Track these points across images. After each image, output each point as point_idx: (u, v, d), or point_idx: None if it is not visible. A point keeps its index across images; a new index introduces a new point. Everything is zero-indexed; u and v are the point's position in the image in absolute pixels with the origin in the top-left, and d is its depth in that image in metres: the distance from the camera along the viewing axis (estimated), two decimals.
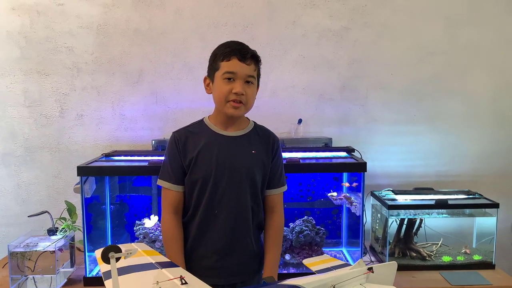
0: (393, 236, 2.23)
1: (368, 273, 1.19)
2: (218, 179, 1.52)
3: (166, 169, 1.59)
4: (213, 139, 1.56)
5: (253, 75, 1.52)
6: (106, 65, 2.47)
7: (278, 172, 1.63)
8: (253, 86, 1.53)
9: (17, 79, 2.46)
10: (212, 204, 1.54)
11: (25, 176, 2.51)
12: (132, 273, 1.15)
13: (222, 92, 1.50)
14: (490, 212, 2.20)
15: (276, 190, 1.63)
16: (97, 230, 2.16)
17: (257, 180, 1.56)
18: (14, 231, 2.49)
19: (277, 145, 1.64)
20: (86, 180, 1.97)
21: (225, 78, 1.49)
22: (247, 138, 1.59)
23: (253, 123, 1.66)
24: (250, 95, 1.52)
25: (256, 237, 1.62)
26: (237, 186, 1.53)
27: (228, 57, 1.49)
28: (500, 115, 2.57)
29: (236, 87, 1.48)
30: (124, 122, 2.51)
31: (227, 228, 1.54)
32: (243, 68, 1.49)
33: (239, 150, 1.56)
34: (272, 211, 1.63)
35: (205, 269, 1.55)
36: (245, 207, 1.55)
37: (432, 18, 2.50)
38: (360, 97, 2.53)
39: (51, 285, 1.92)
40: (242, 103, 1.50)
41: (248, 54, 1.50)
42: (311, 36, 2.50)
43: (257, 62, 1.55)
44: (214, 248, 1.55)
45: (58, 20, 2.44)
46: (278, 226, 1.63)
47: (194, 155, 1.54)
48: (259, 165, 1.57)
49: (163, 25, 2.46)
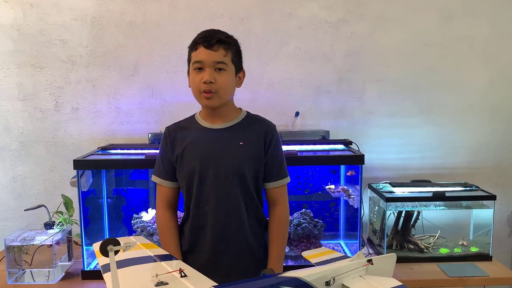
0: (390, 228, 2.24)
1: (368, 265, 1.19)
2: (203, 174, 1.49)
3: (158, 164, 1.59)
4: (200, 133, 1.53)
5: (222, 61, 1.44)
6: (101, 58, 2.45)
7: (277, 163, 1.56)
8: (226, 72, 1.46)
9: (11, 72, 2.43)
10: (200, 200, 1.51)
11: (20, 170, 2.49)
12: (130, 266, 1.15)
13: (194, 84, 1.47)
14: (487, 204, 2.21)
15: (276, 183, 1.56)
16: (94, 224, 2.15)
17: (246, 173, 1.50)
18: (10, 225, 2.48)
19: (272, 134, 1.55)
20: (82, 174, 1.95)
21: (195, 68, 1.46)
22: (235, 129, 1.53)
23: (246, 112, 1.60)
24: (222, 82, 1.45)
25: (254, 234, 1.56)
26: (224, 181, 1.49)
27: (195, 46, 1.46)
28: (495, 107, 2.57)
29: (204, 75, 1.43)
30: (120, 116, 2.49)
31: (219, 225, 1.51)
32: (209, 55, 1.43)
33: (225, 143, 1.51)
34: (274, 204, 1.58)
35: (199, 267, 1.53)
36: (236, 202, 1.50)
37: (428, 10, 2.48)
38: (357, 90, 2.53)
39: (49, 278, 1.91)
40: (212, 92, 1.44)
41: (213, 40, 1.43)
42: (307, 28, 2.48)
43: (228, 46, 1.46)
44: (207, 245, 1.53)
45: (52, 12, 2.41)
46: (280, 219, 1.57)
47: (180, 151, 1.52)
48: (249, 157, 1.50)
49: (158, 18, 2.44)
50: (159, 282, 1.04)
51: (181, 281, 1.06)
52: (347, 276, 1.13)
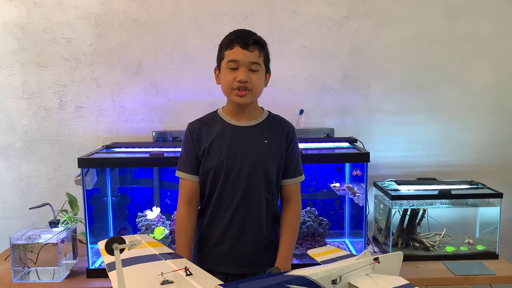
0: (396, 226, 2.23)
1: (374, 263, 1.18)
2: (229, 169, 1.52)
3: (182, 159, 1.61)
4: (225, 129, 1.56)
5: (257, 62, 1.49)
6: (105, 56, 2.45)
7: (294, 161, 1.61)
8: (259, 73, 1.51)
9: (15, 71, 2.43)
10: (224, 194, 1.55)
11: (25, 168, 2.50)
12: (136, 264, 1.14)
13: (227, 81, 1.50)
14: (493, 202, 2.19)
15: (292, 180, 1.61)
16: (99, 222, 2.15)
17: (270, 170, 1.55)
18: (15, 224, 2.48)
19: (292, 134, 1.61)
20: (87, 172, 1.95)
21: (229, 67, 1.49)
22: (260, 127, 1.58)
23: (267, 112, 1.64)
24: (255, 81, 1.50)
25: (270, 229, 1.60)
26: (248, 177, 1.52)
27: (230, 45, 1.49)
28: (501, 104, 2.55)
29: (240, 74, 1.47)
30: (124, 114, 2.49)
31: (239, 217, 1.54)
32: (245, 55, 1.47)
33: (251, 140, 1.55)
34: (288, 200, 1.62)
35: (217, 257, 1.57)
36: (258, 198, 1.55)
37: (433, 7, 2.47)
38: (361, 87, 2.51)
39: (54, 277, 1.91)
40: (248, 89, 1.49)
41: (250, 40, 1.48)
42: (311, 26, 2.47)
43: (262, 48, 1.52)
44: (225, 235, 1.56)
45: (55, 11, 2.40)
46: (293, 216, 1.61)
47: (207, 145, 1.55)
48: (272, 155, 1.55)
49: (161, 15, 2.43)
50: (164, 281, 1.04)
51: (187, 279, 1.06)
52: (353, 274, 1.12)
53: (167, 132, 2.37)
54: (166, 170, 2.33)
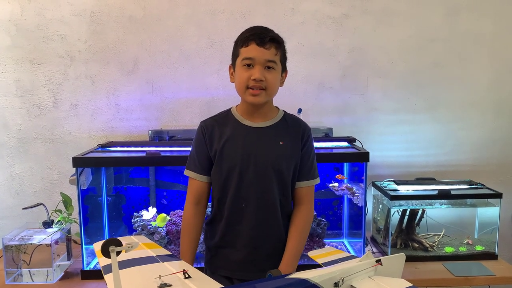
0: (395, 227, 2.21)
1: (377, 265, 1.16)
2: (244, 171, 1.48)
3: (193, 158, 1.56)
4: (239, 130, 1.52)
5: (273, 60, 1.44)
6: (100, 53, 2.41)
7: (308, 163, 1.56)
8: (275, 71, 1.46)
9: (8, 68, 2.39)
10: (239, 196, 1.50)
11: (18, 167, 2.46)
12: (132, 266, 1.11)
13: (241, 79, 1.46)
14: (492, 202, 2.18)
15: (306, 183, 1.56)
16: (94, 223, 2.11)
17: (285, 172, 1.51)
18: (8, 224, 2.44)
19: (308, 135, 1.56)
20: (82, 172, 1.92)
21: (244, 64, 1.44)
22: (275, 128, 1.53)
23: (283, 112, 1.60)
24: (271, 80, 1.45)
25: (286, 230, 1.56)
26: (263, 179, 1.49)
27: (246, 42, 1.44)
28: (501, 103, 2.54)
29: (255, 73, 1.42)
30: (119, 112, 2.45)
31: (256, 221, 1.50)
32: (262, 53, 1.42)
33: (266, 141, 1.51)
34: (300, 203, 1.57)
35: (234, 263, 1.53)
36: (273, 200, 1.51)
37: (433, 4, 2.45)
38: (360, 86, 2.49)
39: (48, 278, 1.88)
40: (262, 88, 1.45)
41: (266, 38, 1.42)
42: (310, 24, 2.44)
43: (279, 45, 1.46)
44: (243, 241, 1.52)
45: (50, 7, 2.36)
46: (304, 218, 1.56)
47: (220, 146, 1.50)
48: (287, 156, 1.51)
49: (158, 12, 2.40)
50: (162, 284, 1.01)
51: (185, 282, 1.03)
52: (356, 277, 1.10)
53: (163, 131, 2.34)
54: (163, 169, 2.29)
